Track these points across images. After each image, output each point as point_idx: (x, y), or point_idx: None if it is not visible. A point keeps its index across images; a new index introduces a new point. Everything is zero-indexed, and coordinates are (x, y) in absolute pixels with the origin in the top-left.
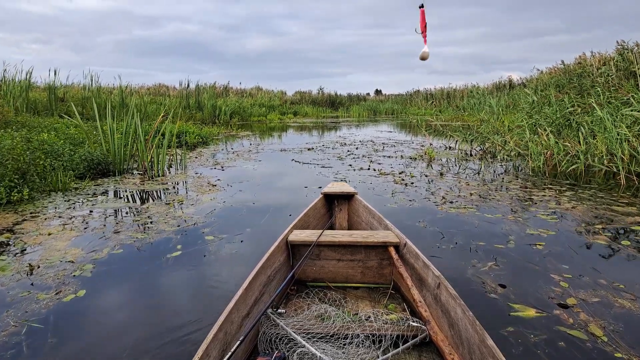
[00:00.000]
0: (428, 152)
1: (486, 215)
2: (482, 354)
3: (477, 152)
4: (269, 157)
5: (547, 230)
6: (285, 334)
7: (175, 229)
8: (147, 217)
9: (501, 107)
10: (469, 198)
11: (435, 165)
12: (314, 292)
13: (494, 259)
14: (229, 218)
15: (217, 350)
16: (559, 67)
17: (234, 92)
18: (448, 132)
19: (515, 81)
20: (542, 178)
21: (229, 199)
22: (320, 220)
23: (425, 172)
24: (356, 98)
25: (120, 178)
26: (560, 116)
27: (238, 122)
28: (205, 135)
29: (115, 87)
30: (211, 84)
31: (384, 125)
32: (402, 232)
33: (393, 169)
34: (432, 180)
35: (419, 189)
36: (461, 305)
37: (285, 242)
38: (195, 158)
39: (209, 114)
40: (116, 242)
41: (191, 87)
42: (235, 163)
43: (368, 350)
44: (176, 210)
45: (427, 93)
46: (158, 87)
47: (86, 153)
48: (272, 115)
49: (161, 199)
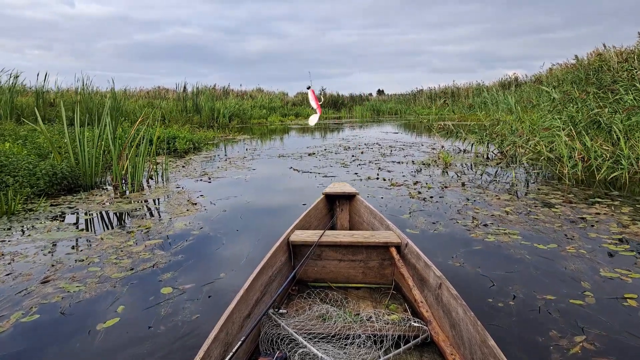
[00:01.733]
0: (443, 157)
1: (537, 245)
2: (483, 355)
3: (495, 155)
4: (265, 164)
5: (629, 272)
6: (286, 334)
7: (125, 274)
8: (95, 255)
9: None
10: (506, 218)
11: (452, 172)
12: (315, 293)
13: (580, 329)
14: (201, 255)
15: (219, 350)
16: (571, 62)
17: (235, 94)
18: (461, 133)
19: (520, 78)
20: (580, 187)
21: (207, 224)
22: (322, 220)
23: (444, 182)
24: (359, 98)
25: (87, 195)
26: (587, 116)
27: (237, 125)
28: (198, 140)
29: (117, 91)
30: (211, 86)
31: (388, 125)
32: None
33: (406, 178)
34: (454, 194)
35: (440, 205)
36: (462, 305)
37: (286, 242)
38: (182, 167)
39: (207, 117)
40: (37, 301)
41: (188, 90)
42: (226, 173)
43: (369, 350)
44: (137, 242)
45: (431, 92)
46: (157, 90)
47: (47, 166)
48: (273, 117)
49: (124, 225)
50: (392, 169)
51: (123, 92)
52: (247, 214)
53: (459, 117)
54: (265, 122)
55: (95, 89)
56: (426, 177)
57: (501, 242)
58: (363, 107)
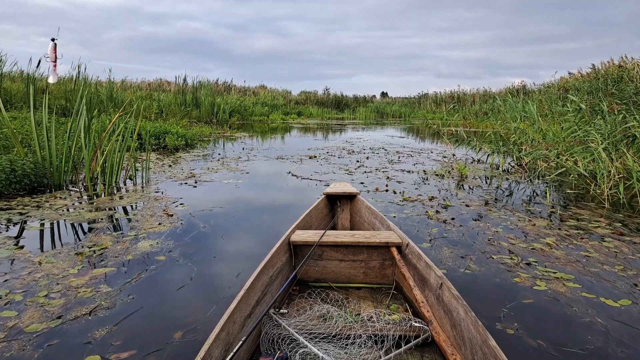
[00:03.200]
0: (458, 168)
1: (604, 300)
2: (484, 355)
3: (512, 167)
4: (261, 167)
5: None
6: (287, 334)
7: (46, 326)
8: (21, 288)
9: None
10: (551, 254)
11: (469, 185)
12: (316, 293)
13: None
14: (158, 297)
15: (220, 350)
16: (586, 71)
17: (237, 90)
18: (474, 141)
19: (528, 86)
20: (624, 213)
21: (179, 246)
22: (323, 220)
23: (464, 199)
24: (362, 100)
25: (49, 197)
26: (621, 130)
27: (238, 122)
28: (191, 136)
29: (116, 81)
30: (214, 80)
31: (392, 128)
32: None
33: (419, 192)
34: (479, 215)
35: (466, 230)
36: (463, 305)
37: (287, 243)
38: (168, 167)
39: (207, 112)
40: None
41: (189, 83)
42: (216, 176)
43: (370, 350)
44: (82, 270)
45: (437, 96)
46: (160, 82)
47: (4, 162)
48: (275, 115)
49: (76, 243)
50: (402, 178)
51: (121, 82)
52: (230, 234)
53: (468, 123)
54: (266, 119)
55: (96, 78)
56: (442, 191)
57: (557, 292)
58: (367, 108)
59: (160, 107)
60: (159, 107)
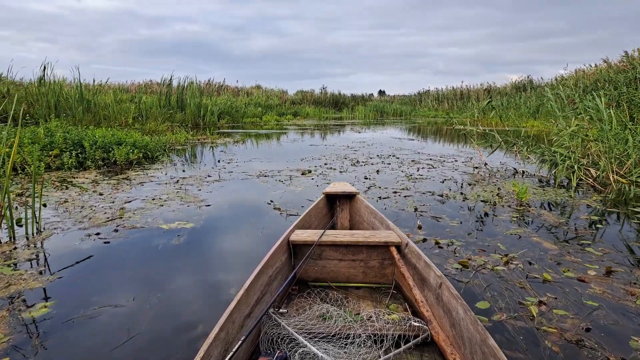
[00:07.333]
0: (517, 193)
1: None
2: (483, 354)
3: (561, 181)
4: (231, 194)
5: None
6: (287, 334)
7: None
8: None
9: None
10: None
11: (543, 222)
12: (316, 292)
13: None
14: None
15: (219, 350)
16: (600, 65)
17: (230, 90)
18: (522, 147)
19: (535, 82)
20: None
21: None
22: (322, 220)
23: (558, 257)
24: (361, 98)
25: None
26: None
27: (227, 125)
28: (154, 147)
29: (114, 85)
30: (205, 81)
31: (395, 128)
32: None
33: (477, 240)
34: (622, 309)
35: (602, 346)
36: (463, 305)
37: (286, 242)
38: (99, 195)
39: (193, 115)
40: None
41: (174, 84)
42: (157, 213)
43: (370, 350)
44: None
45: (438, 93)
46: (149, 84)
47: None
48: (269, 116)
49: None
50: (435, 209)
51: (99, 85)
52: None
53: (506, 123)
54: (259, 121)
55: (64, 78)
56: (511, 237)
57: None
58: (366, 107)
59: (140, 109)
60: (138, 109)
